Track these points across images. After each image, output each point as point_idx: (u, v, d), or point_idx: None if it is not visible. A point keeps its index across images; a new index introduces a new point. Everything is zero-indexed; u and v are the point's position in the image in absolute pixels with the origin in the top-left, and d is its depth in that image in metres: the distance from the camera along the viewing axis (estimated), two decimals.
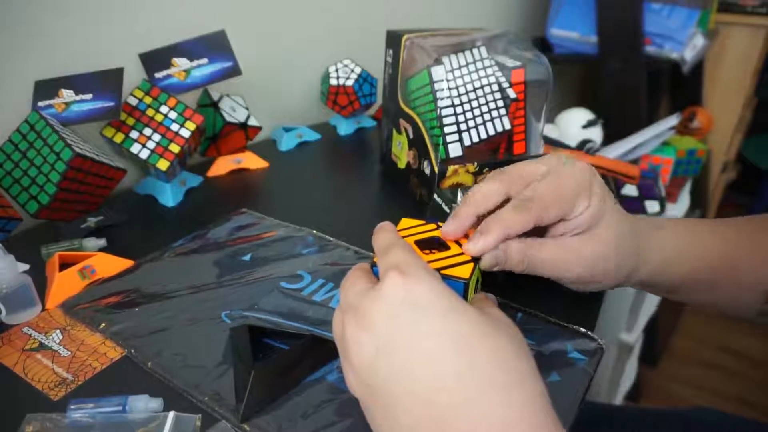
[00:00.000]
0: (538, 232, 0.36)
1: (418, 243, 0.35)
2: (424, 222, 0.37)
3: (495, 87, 0.55)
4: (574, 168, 0.36)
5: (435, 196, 0.53)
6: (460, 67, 0.55)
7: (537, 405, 0.24)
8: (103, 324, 0.41)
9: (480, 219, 0.35)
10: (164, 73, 0.63)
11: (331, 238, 0.53)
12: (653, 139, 1.20)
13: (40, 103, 0.55)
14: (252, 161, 0.73)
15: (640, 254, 0.37)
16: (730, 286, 0.39)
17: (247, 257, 0.49)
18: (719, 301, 0.40)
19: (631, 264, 0.37)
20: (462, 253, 0.34)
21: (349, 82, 0.82)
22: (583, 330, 0.40)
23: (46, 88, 0.56)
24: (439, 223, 0.35)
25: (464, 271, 0.32)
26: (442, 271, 0.32)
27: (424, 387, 0.24)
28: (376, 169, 0.73)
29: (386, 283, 0.26)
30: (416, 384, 0.24)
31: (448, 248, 0.34)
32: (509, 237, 0.34)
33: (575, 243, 0.35)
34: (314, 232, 0.54)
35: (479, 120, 0.55)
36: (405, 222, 0.37)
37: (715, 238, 0.38)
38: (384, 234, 0.32)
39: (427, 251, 0.34)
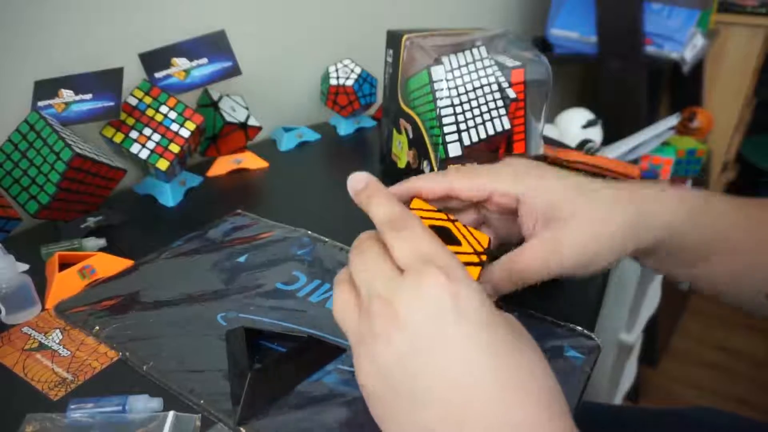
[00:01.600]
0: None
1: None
2: (436, 209, 0.34)
3: (495, 87, 0.55)
4: (508, 159, 0.37)
5: None
6: (459, 67, 0.55)
7: (567, 423, 0.24)
8: (97, 327, 0.41)
9: (474, 206, 0.36)
10: (164, 73, 0.63)
11: (327, 239, 0.52)
12: (653, 139, 1.20)
13: (40, 103, 0.55)
14: (252, 161, 0.73)
15: (638, 224, 0.34)
16: (740, 264, 0.36)
17: (242, 258, 0.49)
18: (728, 280, 0.37)
19: (630, 234, 0.34)
20: (472, 252, 0.32)
21: (349, 82, 0.82)
22: (580, 329, 0.40)
23: (46, 88, 0.56)
24: (451, 216, 0.34)
25: (471, 274, 0.30)
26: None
27: (458, 392, 0.24)
28: (376, 169, 0.73)
29: (428, 283, 0.25)
30: (451, 388, 0.24)
31: (459, 243, 0.33)
32: (409, 194, 0.34)
33: (550, 237, 0.34)
34: (309, 233, 0.54)
35: (479, 120, 0.55)
36: (417, 203, 0.34)
37: (729, 206, 0.36)
38: (385, 202, 0.30)
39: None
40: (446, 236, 0.33)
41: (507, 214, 0.36)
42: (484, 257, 0.32)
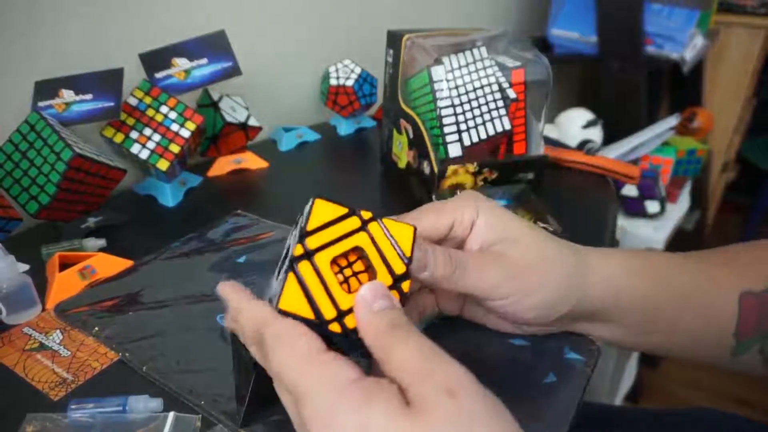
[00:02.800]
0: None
1: (335, 260, 0.27)
2: (339, 206, 0.27)
3: (495, 87, 0.55)
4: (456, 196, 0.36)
5: (433, 196, 0.53)
6: (460, 67, 0.55)
7: None
8: (96, 328, 0.40)
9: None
10: (164, 73, 0.63)
11: None
12: (653, 139, 1.21)
13: (40, 104, 0.55)
14: (252, 161, 0.73)
15: (580, 275, 0.34)
16: (694, 319, 0.35)
17: (242, 259, 0.49)
18: (687, 341, 0.36)
19: (574, 285, 0.33)
20: (391, 286, 0.27)
21: (349, 82, 0.82)
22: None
23: (46, 89, 0.56)
24: (360, 210, 0.28)
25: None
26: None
27: None
28: (376, 169, 0.73)
29: (438, 413, 0.22)
30: None
31: (368, 265, 0.27)
32: None
33: (497, 248, 0.33)
34: None
35: (479, 120, 0.55)
36: (320, 207, 0.27)
37: (672, 263, 0.36)
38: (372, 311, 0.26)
39: (348, 271, 0.27)
40: (357, 256, 0.28)
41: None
42: (405, 286, 0.27)
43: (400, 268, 0.27)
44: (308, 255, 0.26)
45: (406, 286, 0.27)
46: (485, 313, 0.37)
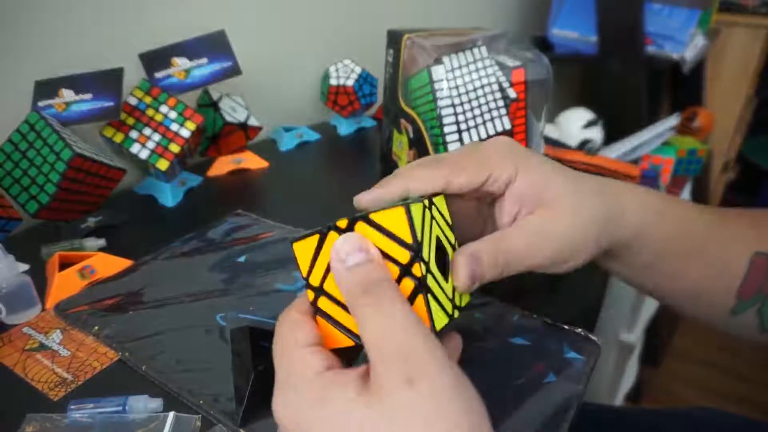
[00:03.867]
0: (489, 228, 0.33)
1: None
2: (310, 236, 0.27)
3: (495, 87, 0.55)
4: (489, 141, 0.33)
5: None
6: (460, 67, 0.55)
7: None
8: (96, 327, 0.40)
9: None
10: (164, 72, 0.63)
11: None
12: (654, 139, 1.20)
13: (40, 103, 0.55)
14: (252, 161, 0.73)
15: (612, 214, 0.32)
16: (704, 270, 0.35)
17: (242, 259, 0.49)
18: (691, 289, 0.36)
19: (605, 227, 0.32)
20: (400, 276, 0.25)
21: (349, 82, 0.81)
22: (579, 330, 0.40)
23: (46, 88, 0.56)
24: (334, 223, 0.27)
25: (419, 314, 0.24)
26: None
27: None
28: (377, 169, 0.73)
29: (392, 401, 0.21)
30: None
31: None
32: (410, 192, 0.29)
33: (537, 222, 0.31)
34: None
35: (479, 120, 0.55)
36: (299, 248, 0.27)
37: (692, 213, 0.35)
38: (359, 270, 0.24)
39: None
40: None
41: (477, 206, 0.33)
42: (416, 270, 0.25)
43: (404, 257, 0.25)
44: (320, 291, 0.26)
45: (416, 269, 0.25)
46: None
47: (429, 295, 0.25)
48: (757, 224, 0.36)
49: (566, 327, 0.40)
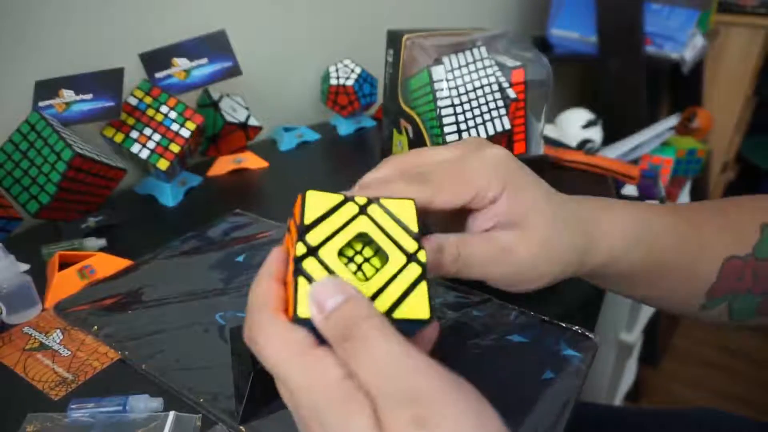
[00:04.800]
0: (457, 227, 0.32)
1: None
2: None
3: (495, 87, 0.55)
4: (483, 153, 0.30)
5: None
6: (460, 67, 0.55)
7: None
8: (96, 327, 0.41)
9: None
10: (164, 73, 0.63)
11: None
12: (653, 139, 1.21)
13: (41, 103, 0.55)
14: (252, 161, 0.73)
15: (587, 246, 0.32)
16: (675, 280, 0.35)
17: (241, 258, 0.49)
18: (663, 295, 0.37)
19: (576, 259, 0.32)
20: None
21: (349, 82, 0.82)
22: (576, 328, 0.40)
23: (47, 88, 0.56)
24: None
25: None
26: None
27: None
28: None
29: None
30: None
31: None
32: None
33: (507, 239, 0.30)
34: None
35: (479, 120, 0.55)
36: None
37: (666, 228, 0.35)
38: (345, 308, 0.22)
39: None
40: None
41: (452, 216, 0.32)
42: (422, 255, 0.25)
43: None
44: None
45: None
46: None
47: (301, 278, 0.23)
48: (728, 226, 0.36)
49: (563, 325, 0.41)
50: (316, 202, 0.25)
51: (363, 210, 0.26)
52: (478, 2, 1.35)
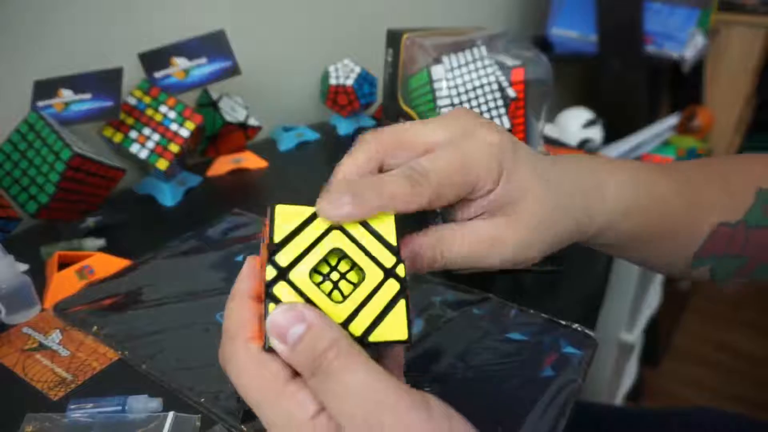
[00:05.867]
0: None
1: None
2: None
3: (495, 86, 0.55)
4: (480, 139, 0.28)
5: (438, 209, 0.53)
6: (459, 66, 0.55)
7: None
8: (95, 327, 0.41)
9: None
10: (164, 72, 0.63)
11: None
12: (653, 138, 1.21)
13: (40, 103, 0.55)
14: (251, 161, 0.73)
15: (584, 220, 0.30)
16: (666, 245, 0.35)
17: (240, 257, 0.49)
18: (649, 257, 0.36)
19: (570, 236, 0.30)
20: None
21: (349, 82, 0.81)
22: (576, 325, 0.40)
23: (46, 88, 0.56)
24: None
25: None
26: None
27: None
28: None
29: None
30: None
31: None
32: (385, 209, 0.25)
33: (494, 231, 0.28)
34: None
35: None
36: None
37: (669, 192, 0.34)
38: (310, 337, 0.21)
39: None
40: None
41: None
42: (401, 270, 0.24)
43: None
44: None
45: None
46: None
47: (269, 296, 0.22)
48: (726, 190, 0.36)
49: (563, 323, 0.41)
50: (286, 217, 0.23)
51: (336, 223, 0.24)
52: (478, 2, 1.34)
